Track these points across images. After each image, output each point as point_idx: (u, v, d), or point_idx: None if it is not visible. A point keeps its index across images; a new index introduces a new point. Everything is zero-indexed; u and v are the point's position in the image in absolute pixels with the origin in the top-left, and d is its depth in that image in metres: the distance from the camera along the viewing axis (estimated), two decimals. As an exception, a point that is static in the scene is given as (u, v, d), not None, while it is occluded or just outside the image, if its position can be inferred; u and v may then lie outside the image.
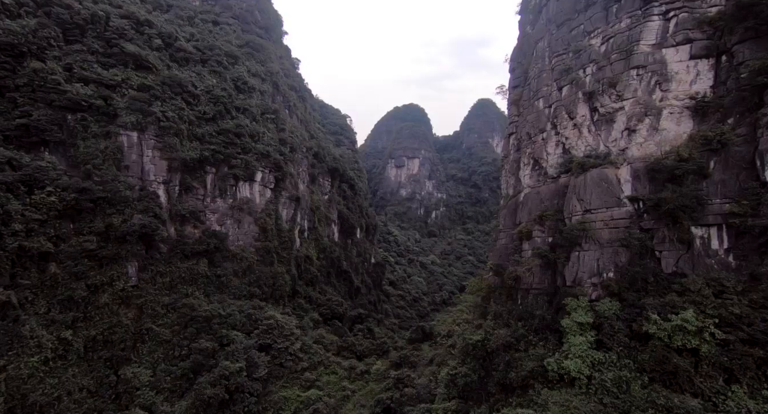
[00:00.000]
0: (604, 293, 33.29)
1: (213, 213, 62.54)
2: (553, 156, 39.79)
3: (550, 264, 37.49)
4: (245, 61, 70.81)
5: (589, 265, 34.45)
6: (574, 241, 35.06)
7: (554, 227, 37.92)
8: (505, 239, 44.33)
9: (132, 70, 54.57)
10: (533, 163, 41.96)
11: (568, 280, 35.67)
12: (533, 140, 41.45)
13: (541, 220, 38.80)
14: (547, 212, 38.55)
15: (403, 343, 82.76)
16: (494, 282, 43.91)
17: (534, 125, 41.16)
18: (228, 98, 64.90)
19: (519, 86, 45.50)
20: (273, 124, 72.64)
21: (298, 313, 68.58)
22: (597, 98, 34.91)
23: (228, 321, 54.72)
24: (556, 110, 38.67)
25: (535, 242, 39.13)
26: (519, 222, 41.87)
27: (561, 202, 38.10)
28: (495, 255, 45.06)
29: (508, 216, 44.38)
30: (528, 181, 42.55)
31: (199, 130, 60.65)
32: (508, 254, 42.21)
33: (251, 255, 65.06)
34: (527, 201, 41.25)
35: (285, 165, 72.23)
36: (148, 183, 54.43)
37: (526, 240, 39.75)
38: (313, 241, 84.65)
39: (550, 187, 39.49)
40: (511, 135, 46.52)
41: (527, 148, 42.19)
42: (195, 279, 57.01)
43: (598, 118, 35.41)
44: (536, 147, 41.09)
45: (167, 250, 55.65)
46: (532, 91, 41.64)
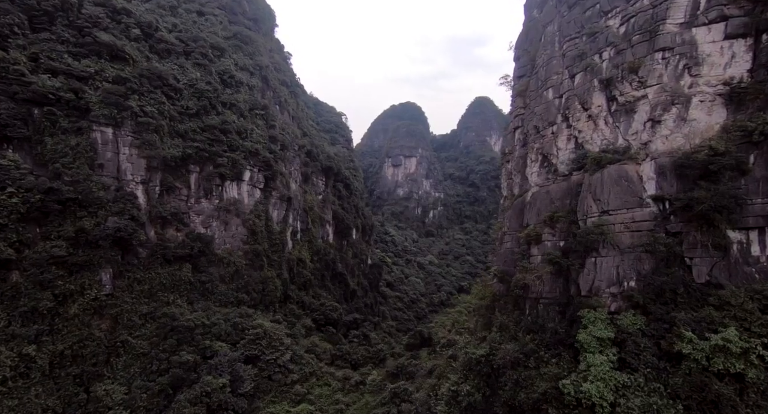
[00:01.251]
0: (625, 305, 29.34)
1: (197, 215, 58.28)
2: (564, 151, 35.79)
3: (563, 271, 33.52)
4: (232, 54, 66.48)
5: (607, 272, 30.48)
6: (589, 245, 31.08)
7: (566, 230, 33.95)
8: (510, 243, 40.33)
9: (106, 61, 50.16)
10: (542, 160, 37.96)
11: (583, 290, 31.69)
12: (542, 134, 37.45)
13: (552, 222, 34.82)
14: (558, 213, 34.56)
15: (400, 349, 78.82)
16: (499, 289, 39.92)
17: (542, 118, 37.15)
18: (213, 93, 60.58)
19: (525, 76, 41.48)
20: (262, 121, 68.38)
21: (290, 319, 64.46)
22: (615, 86, 30.91)
23: (212, 331, 50.51)
24: (568, 101, 34.65)
25: (545, 247, 35.14)
26: (526, 224, 37.88)
27: (574, 203, 34.12)
28: (500, 260, 41.07)
29: (514, 217, 40.38)
30: (536, 179, 38.55)
31: (182, 127, 56.32)
32: (515, 259, 38.19)
33: (239, 259, 60.87)
34: (535, 201, 37.24)
35: (275, 163, 68.02)
36: (125, 183, 50.09)
37: (534, 244, 35.75)
38: (306, 243, 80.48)
39: (561, 185, 35.50)
40: (516, 129, 42.49)
41: (535, 143, 38.17)
42: (177, 285, 52.76)
43: (617, 109, 31.41)
44: (545, 142, 37.08)
45: (147, 254, 51.36)
46: (541, 80, 37.62)
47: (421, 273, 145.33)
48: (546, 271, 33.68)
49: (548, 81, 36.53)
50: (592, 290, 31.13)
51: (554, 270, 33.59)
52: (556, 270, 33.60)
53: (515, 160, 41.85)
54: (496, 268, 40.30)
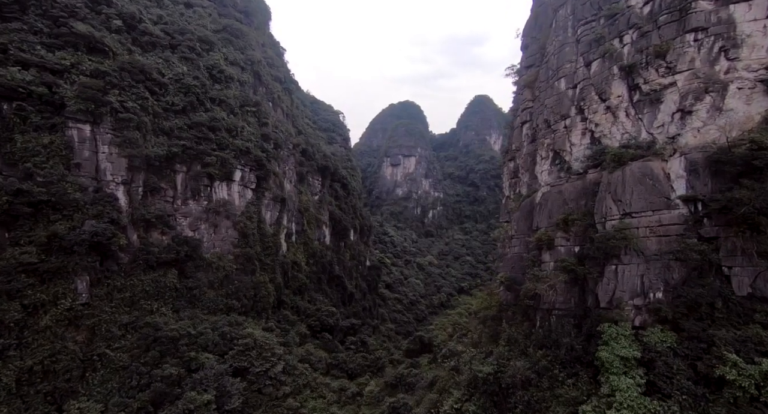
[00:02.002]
0: (651, 319, 25.84)
1: (184, 217, 54.62)
2: (578, 147, 32.26)
3: (578, 280, 30.04)
4: (222, 48, 62.80)
5: (630, 282, 26.99)
6: (609, 252, 27.61)
7: (582, 234, 30.46)
8: (518, 247, 36.81)
9: (83, 53, 46.46)
10: (553, 157, 34.43)
11: (602, 301, 28.20)
12: (553, 129, 33.91)
13: (566, 226, 31.31)
14: (573, 216, 31.06)
15: (399, 355, 75.38)
16: (506, 298, 36.41)
17: (554, 111, 33.60)
18: (201, 88, 56.90)
19: (533, 66, 37.95)
20: (254, 118, 64.71)
21: (283, 326, 60.89)
22: (639, 73, 27.39)
23: (198, 341, 46.88)
24: (583, 91, 31.10)
25: (558, 252, 31.63)
26: (536, 227, 34.36)
27: (590, 204, 30.63)
28: (506, 266, 37.55)
29: (522, 220, 36.85)
30: (546, 177, 35.02)
31: (167, 124, 52.63)
32: (524, 266, 34.69)
33: (229, 263, 57.21)
34: (546, 202, 33.72)
35: (268, 163, 64.35)
36: (104, 183, 46.41)
37: (546, 249, 32.24)
38: (301, 246, 76.89)
39: (576, 184, 31.99)
40: (524, 124, 38.96)
41: (545, 138, 34.64)
42: (161, 293, 49.12)
43: (640, 99, 27.89)
44: (557, 137, 33.54)
45: (128, 260, 47.70)
46: (552, 69, 34.08)
47: (421, 274, 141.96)
48: (560, 279, 30.17)
49: (560, 70, 32.98)
50: (612, 302, 27.65)
51: (569, 279, 30.11)
52: (571, 279, 30.12)
53: (523, 158, 38.33)
54: (502, 275, 36.78)
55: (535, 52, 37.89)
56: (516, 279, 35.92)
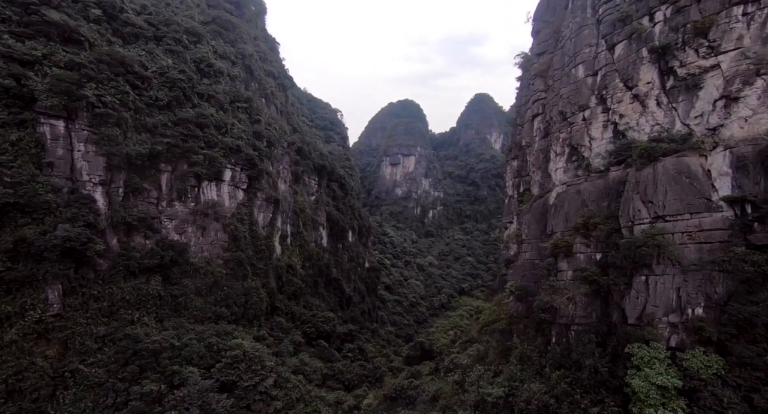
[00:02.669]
0: (691, 340, 22.06)
1: (170, 219, 50.83)
2: (599, 142, 28.46)
3: (601, 291, 26.26)
4: (211, 41, 58.94)
5: (664, 296, 23.22)
6: (639, 260, 23.84)
7: (605, 240, 26.68)
8: (530, 253, 33.01)
9: (57, 44, 42.64)
10: (569, 153, 30.63)
11: (630, 316, 24.43)
12: (569, 122, 30.10)
13: (586, 230, 27.52)
14: (594, 219, 27.27)
15: (399, 362, 71.70)
16: (517, 310, 32.63)
17: (571, 101, 29.79)
18: (188, 82, 53.06)
19: (546, 52, 34.15)
20: (245, 115, 60.89)
21: (277, 334, 57.10)
22: (673, 55, 23.59)
23: (182, 354, 43.05)
24: (606, 78, 27.30)
25: (577, 260, 27.85)
26: (551, 231, 30.57)
27: (614, 205, 26.84)
28: (516, 273, 33.75)
29: (534, 222, 33.05)
30: (561, 176, 31.22)
31: (150, 120, 48.84)
32: (537, 275, 30.91)
33: (218, 268, 53.41)
34: (562, 203, 29.91)
35: (260, 161, 60.54)
36: (80, 184, 42.61)
37: (563, 257, 28.44)
38: (297, 248, 73.11)
39: (596, 184, 28.19)
40: (535, 117, 35.15)
41: (560, 132, 30.83)
42: (143, 301, 45.35)
43: (674, 85, 24.09)
44: (574, 131, 29.74)
45: (107, 266, 43.96)
46: (568, 55, 30.26)
47: (421, 275, 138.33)
48: (580, 291, 26.38)
49: (578, 55, 29.16)
50: (642, 318, 23.86)
51: (591, 290, 26.32)
52: (593, 290, 26.33)
53: (534, 154, 34.51)
54: (512, 284, 32.97)
55: (547, 37, 34.11)
56: (528, 289, 32.15)
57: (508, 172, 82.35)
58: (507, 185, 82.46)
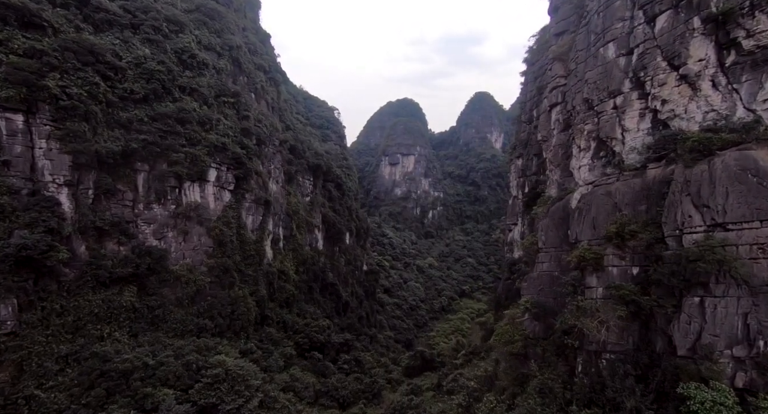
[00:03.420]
0: (764, 380, 17.29)
1: (147, 223, 46.01)
2: (634, 133, 23.68)
3: (642, 314, 21.48)
4: (194, 30, 54.07)
5: (727, 323, 18.45)
6: (691, 277, 19.09)
7: (645, 252, 21.90)
8: (548, 264, 28.22)
9: (15, 29, 37.77)
10: (596, 147, 25.84)
11: (680, 347, 19.65)
12: (597, 111, 25.30)
13: (620, 239, 22.72)
14: (630, 226, 22.47)
15: (398, 373, 66.99)
16: (534, 330, 27.83)
17: (598, 86, 24.98)
18: (167, 74, 48.21)
19: (567, 32, 29.35)
20: (232, 110, 56.06)
21: (266, 347, 52.25)
22: (737, 23, 18.81)
23: (157, 374, 38.16)
24: (644, 57, 22.49)
25: (609, 275, 23.05)
26: (575, 240, 25.76)
27: (655, 210, 22.07)
28: (532, 287, 28.96)
29: (553, 229, 28.26)
30: (586, 174, 26.43)
31: (124, 115, 44.02)
32: (559, 291, 26.13)
33: (202, 276, 48.60)
34: (588, 207, 25.10)
35: (249, 160, 55.72)
36: (42, 185, 37.80)
37: (592, 271, 23.63)
38: (290, 252, 68.32)
39: (631, 184, 23.39)
40: (553, 107, 30.32)
41: (585, 123, 26.03)
42: (115, 315, 40.57)
43: (737, 61, 19.32)
44: (603, 121, 24.94)
45: (74, 276, 39.19)
46: (595, 33, 25.47)
47: (421, 277, 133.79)
48: (615, 314, 21.58)
49: (608, 32, 24.35)
50: (697, 349, 19.08)
51: (629, 313, 21.53)
52: (632, 313, 21.55)
53: (552, 150, 29.71)
54: (528, 299, 28.17)
55: (568, 13, 29.34)
56: (547, 306, 27.39)
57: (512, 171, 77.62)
58: (511, 185, 77.69)
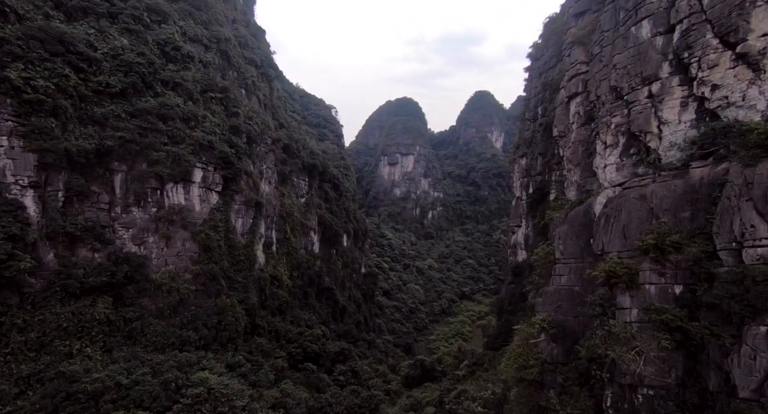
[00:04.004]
0: None
1: (126, 228, 42.18)
2: (674, 126, 19.82)
3: (689, 344, 17.63)
4: (178, 21, 50.19)
5: (805, 361, 14.57)
6: (756, 302, 15.28)
7: (691, 267, 18.06)
8: (568, 277, 24.39)
9: (-27, 14, 34.03)
10: (626, 143, 21.98)
11: (741, 386, 15.79)
12: (628, 101, 21.46)
13: (659, 252, 18.86)
14: (672, 236, 18.63)
15: (397, 382, 63.20)
16: (551, 354, 23.97)
17: (630, 72, 21.13)
18: (148, 67, 44.35)
19: (589, 11, 25.51)
20: (220, 106, 52.21)
21: (256, 359, 48.39)
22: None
23: (131, 394, 34.30)
24: (689, 34, 18.63)
25: (646, 294, 19.19)
26: (601, 251, 21.91)
27: (703, 217, 18.23)
28: (549, 303, 25.11)
29: (573, 237, 24.42)
30: (613, 175, 22.58)
31: (99, 110, 40.20)
32: (582, 309, 22.28)
33: (186, 284, 44.80)
34: (618, 212, 21.24)
35: (238, 160, 51.88)
36: (3, 187, 33.99)
37: (625, 289, 19.75)
38: (283, 256, 64.47)
39: (671, 186, 19.54)
40: (572, 98, 26.45)
41: (612, 115, 22.19)
42: (87, 328, 36.75)
43: (815, 34, 15.45)
44: (635, 112, 21.09)
45: (41, 287, 35.40)
46: (625, 9, 21.61)
47: (420, 279, 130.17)
48: (656, 344, 17.75)
49: (642, 7, 20.49)
50: (765, 391, 15.19)
51: (672, 341, 17.69)
52: (677, 341, 17.70)
53: (571, 147, 25.85)
54: (544, 317, 24.31)
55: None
56: (566, 326, 23.56)
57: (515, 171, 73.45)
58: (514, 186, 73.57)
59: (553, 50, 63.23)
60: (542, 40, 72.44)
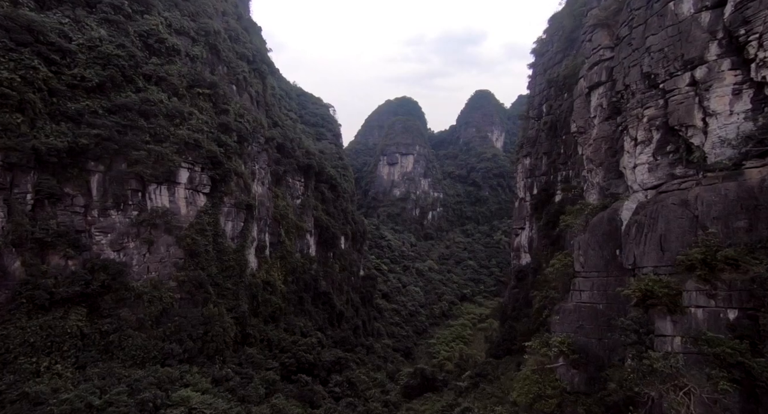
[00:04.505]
0: None
1: (104, 233, 38.81)
2: (725, 118, 16.49)
3: (749, 383, 14.31)
4: (163, 12, 46.77)
5: None
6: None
7: (750, 288, 14.74)
8: (589, 293, 21.06)
9: (-72, -1, 30.69)
10: (661, 139, 18.64)
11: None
12: (664, 89, 18.13)
13: (708, 269, 15.56)
14: (725, 250, 15.32)
15: (396, 392, 59.76)
16: (572, 382, 20.65)
17: (668, 56, 17.79)
18: (129, 60, 41.01)
19: (614, -12, 22.07)
20: (208, 103, 48.86)
21: (246, 371, 45.03)
22: None
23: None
24: (744, 7, 15.29)
25: (693, 320, 15.87)
26: (633, 265, 18.59)
27: (764, 227, 14.91)
28: (567, 322, 21.78)
29: (596, 247, 21.09)
30: (646, 176, 19.24)
31: (73, 106, 36.82)
32: (609, 334, 18.96)
33: (170, 292, 41.49)
34: (653, 220, 17.91)
35: (227, 160, 48.54)
36: (-38, 189, 30.70)
37: (666, 312, 16.42)
38: (277, 261, 61.15)
39: (722, 189, 16.21)
40: (593, 89, 23.07)
41: (645, 107, 18.85)
42: (57, 343, 33.40)
43: None
44: (674, 103, 17.76)
45: (5, 299, 32.08)
46: (660, -18, 18.21)
47: (420, 281, 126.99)
48: (710, 384, 14.43)
49: (683, -21, 17.13)
50: None
51: (729, 380, 14.37)
52: (734, 379, 14.38)
53: (592, 144, 22.50)
54: (563, 339, 20.98)
55: (617, -37, 22.26)
56: (589, 350, 20.27)
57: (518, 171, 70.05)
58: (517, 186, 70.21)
59: (559, 45, 59.89)
60: (547, 36, 68.97)
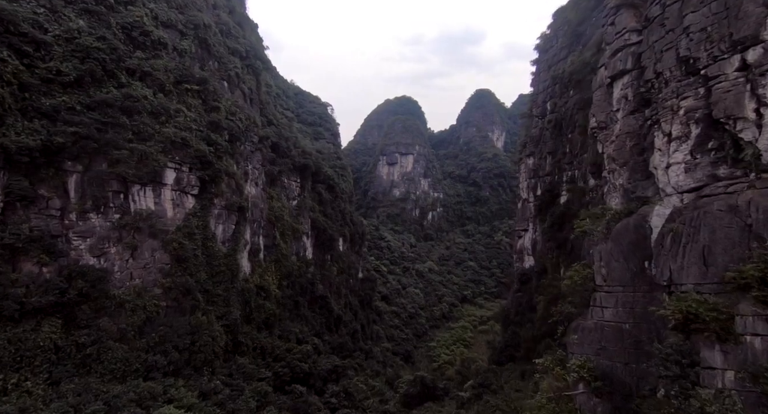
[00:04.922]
0: None
1: (82, 238, 36.10)
2: (784, 109, 13.72)
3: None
4: (148, 3, 44.02)
5: None
6: None
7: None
8: (613, 311, 18.34)
9: None
10: (702, 134, 15.89)
11: None
12: (707, 76, 15.40)
13: (765, 288, 12.83)
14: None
15: (395, 402, 57.03)
16: (594, 412, 17.94)
17: (711, 36, 15.05)
18: (110, 53, 38.28)
19: (642, -38, 19.30)
20: (197, 100, 46.15)
21: (236, 383, 42.34)
22: None
23: (76, 438, 28.46)
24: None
25: (749, 350, 13.10)
26: (669, 281, 15.84)
27: (839, 241, 12.12)
28: (587, 343, 19.05)
29: (619, 257, 18.36)
30: (681, 177, 16.51)
31: (48, 102, 34.09)
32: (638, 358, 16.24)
33: (155, 300, 38.82)
34: (694, 229, 15.17)
35: (218, 159, 45.86)
36: None
37: (714, 340, 13.69)
38: (272, 264, 58.47)
39: (780, 193, 13.47)
40: (616, 79, 20.28)
41: (681, 97, 16.14)
42: (28, 358, 30.72)
43: None
44: (718, 92, 15.02)
45: (-30, 310, 29.36)
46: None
47: (420, 282, 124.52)
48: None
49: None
50: None
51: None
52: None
53: (616, 140, 19.73)
54: (581, 363, 18.28)
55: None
56: (614, 376, 17.57)
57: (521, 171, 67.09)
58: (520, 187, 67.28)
59: (564, 41, 56.94)
60: (551, 31, 65.97)
